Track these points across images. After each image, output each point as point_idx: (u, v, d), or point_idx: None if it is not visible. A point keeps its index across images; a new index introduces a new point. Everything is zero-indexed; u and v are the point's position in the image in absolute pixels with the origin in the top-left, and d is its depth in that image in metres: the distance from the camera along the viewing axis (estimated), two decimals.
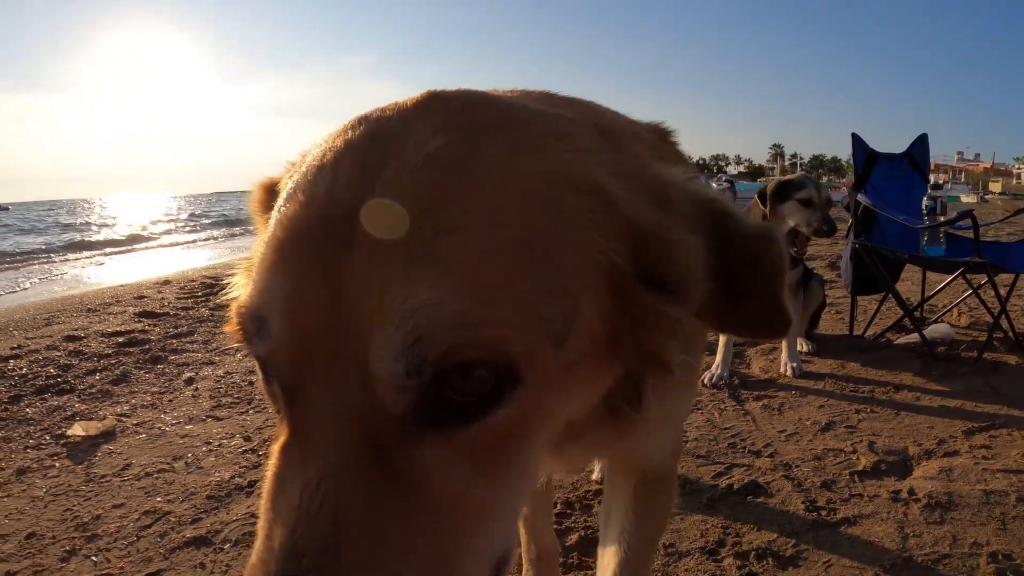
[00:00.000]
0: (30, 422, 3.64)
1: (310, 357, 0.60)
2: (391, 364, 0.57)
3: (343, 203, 0.61)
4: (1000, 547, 2.04)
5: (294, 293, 0.60)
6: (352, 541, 0.55)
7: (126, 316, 6.59)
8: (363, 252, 0.58)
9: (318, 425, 0.59)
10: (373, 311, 0.57)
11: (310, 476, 0.57)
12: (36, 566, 2.22)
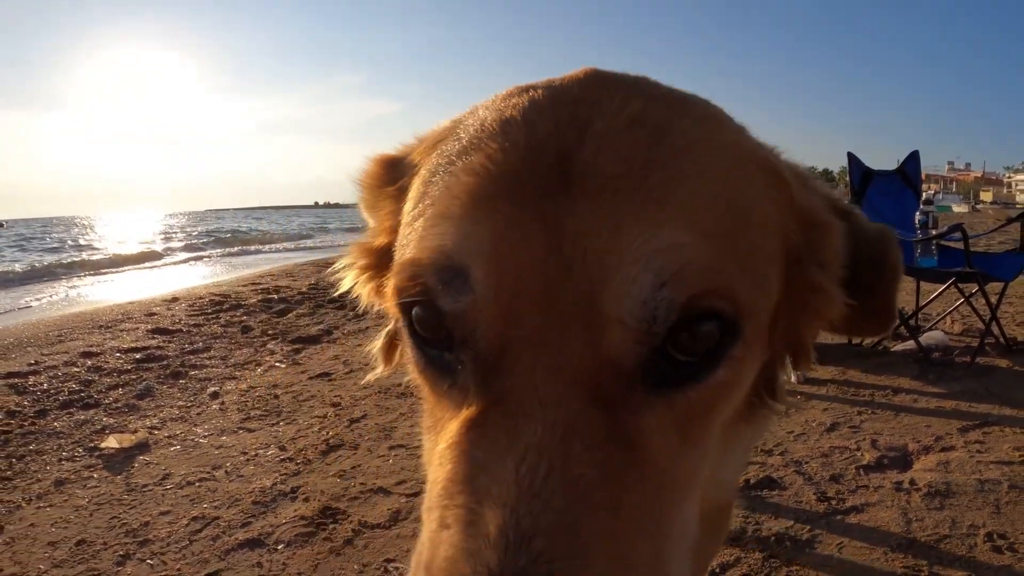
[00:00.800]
0: (60, 435, 3.76)
1: (524, 307, 0.54)
2: (635, 308, 0.52)
3: (549, 151, 0.58)
4: (995, 528, 2.23)
5: (502, 237, 0.55)
6: (591, 515, 0.49)
7: (139, 333, 6.71)
8: (588, 195, 0.55)
9: (534, 387, 0.53)
10: (606, 252, 0.53)
11: (528, 445, 0.50)
12: (91, 570, 2.35)
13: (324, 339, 6.10)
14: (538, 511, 0.47)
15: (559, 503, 0.48)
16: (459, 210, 0.58)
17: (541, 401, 0.52)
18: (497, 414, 0.53)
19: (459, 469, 0.53)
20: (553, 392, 0.52)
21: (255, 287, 9.95)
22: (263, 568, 2.26)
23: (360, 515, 2.59)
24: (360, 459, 3.17)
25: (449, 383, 0.59)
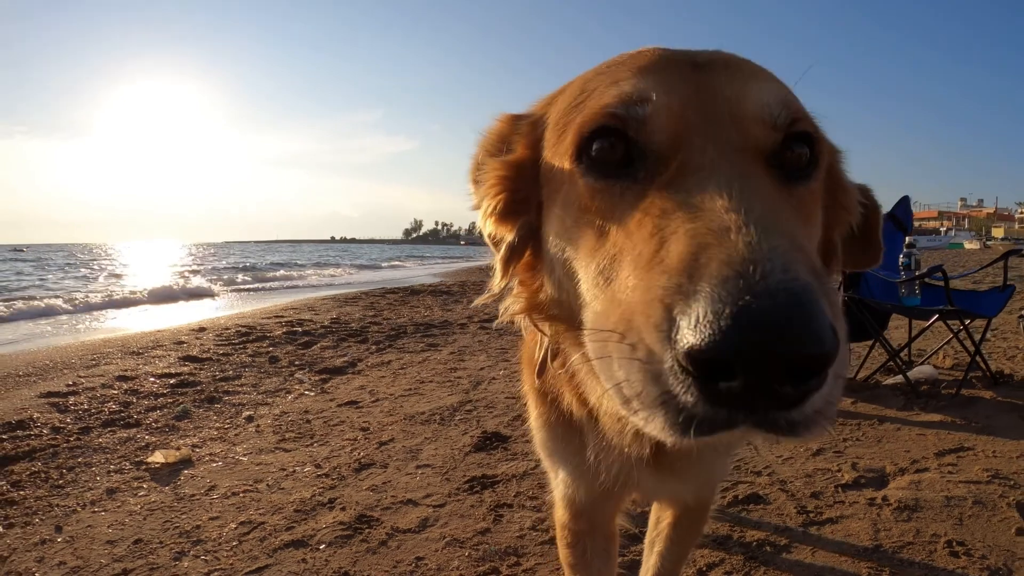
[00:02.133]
0: (106, 450, 4.10)
1: (691, 113, 0.77)
2: (767, 110, 0.79)
3: (681, 56, 0.86)
4: (955, 536, 2.50)
5: (669, 83, 0.80)
6: (779, 213, 0.68)
7: (170, 360, 7.08)
8: (719, 71, 0.83)
9: (707, 157, 0.73)
10: (743, 92, 0.80)
11: (723, 189, 0.67)
12: (150, 564, 2.65)
13: (349, 370, 6.45)
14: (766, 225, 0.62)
15: (761, 207, 0.65)
16: (628, 74, 0.81)
17: (718, 163, 0.72)
18: (673, 187, 0.72)
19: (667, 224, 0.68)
20: (724, 157, 0.72)
21: (279, 320, 10.34)
22: (307, 564, 2.58)
23: (392, 522, 2.91)
24: (390, 476, 3.49)
25: (623, 187, 0.78)
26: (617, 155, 0.78)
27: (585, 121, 0.80)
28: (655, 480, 1.24)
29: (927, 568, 2.32)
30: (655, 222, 0.68)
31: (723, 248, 0.59)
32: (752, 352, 0.54)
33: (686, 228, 0.64)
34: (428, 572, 2.46)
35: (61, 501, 3.31)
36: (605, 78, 0.84)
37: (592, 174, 0.80)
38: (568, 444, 1.29)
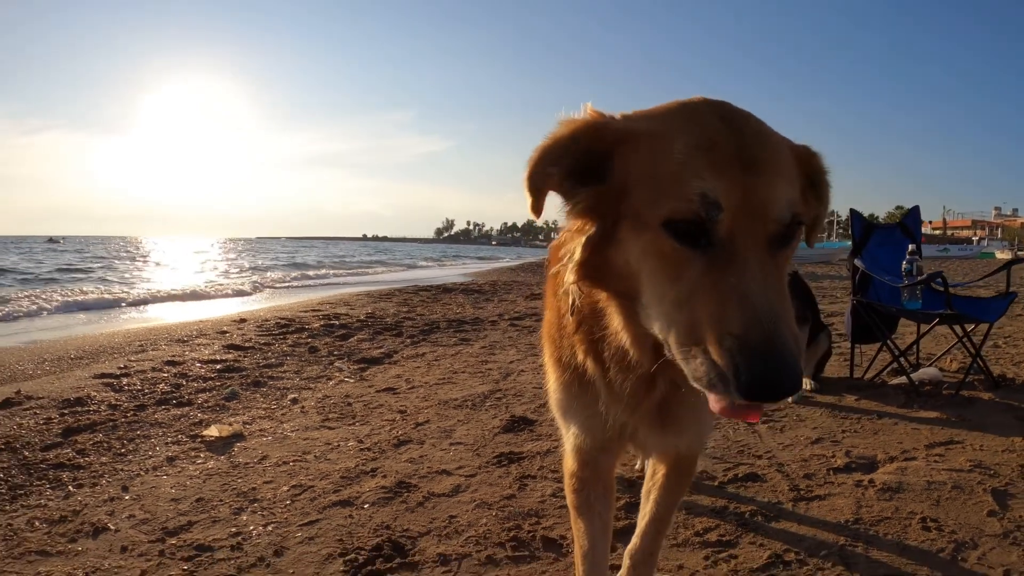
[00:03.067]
0: (162, 425, 4.51)
1: (739, 216, 1.11)
2: (781, 215, 1.14)
3: (731, 143, 1.16)
4: (930, 515, 2.80)
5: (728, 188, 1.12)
6: (782, 296, 1.10)
7: (215, 347, 7.53)
8: (756, 170, 1.14)
9: (746, 249, 1.10)
10: (769, 195, 1.13)
11: (751, 273, 1.07)
12: (212, 518, 3.01)
13: (386, 361, 6.85)
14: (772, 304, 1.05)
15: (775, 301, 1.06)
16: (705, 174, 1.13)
17: (750, 257, 1.10)
18: (724, 263, 1.10)
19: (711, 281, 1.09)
20: (757, 251, 1.12)
21: (316, 313, 10.78)
22: (353, 519, 2.95)
23: (428, 488, 3.28)
24: (426, 451, 3.86)
25: (690, 254, 1.12)
26: (692, 231, 1.12)
27: (678, 210, 1.12)
28: (653, 433, 1.58)
29: (899, 540, 2.61)
30: (718, 287, 1.08)
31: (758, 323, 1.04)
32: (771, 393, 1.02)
33: (737, 301, 1.06)
34: (460, 527, 2.82)
35: (124, 467, 3.69)
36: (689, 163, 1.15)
37: (674, 239, 1.13)
38: (580, 401, 1.63)
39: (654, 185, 1.17)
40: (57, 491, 3.32)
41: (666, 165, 1.16)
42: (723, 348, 1.03)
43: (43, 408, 4.83)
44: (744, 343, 1.01)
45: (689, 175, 1.13)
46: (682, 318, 1.11)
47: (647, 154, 1.21)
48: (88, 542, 2.75)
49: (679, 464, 1.93)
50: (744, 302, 1.04)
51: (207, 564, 2.54)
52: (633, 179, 1.21)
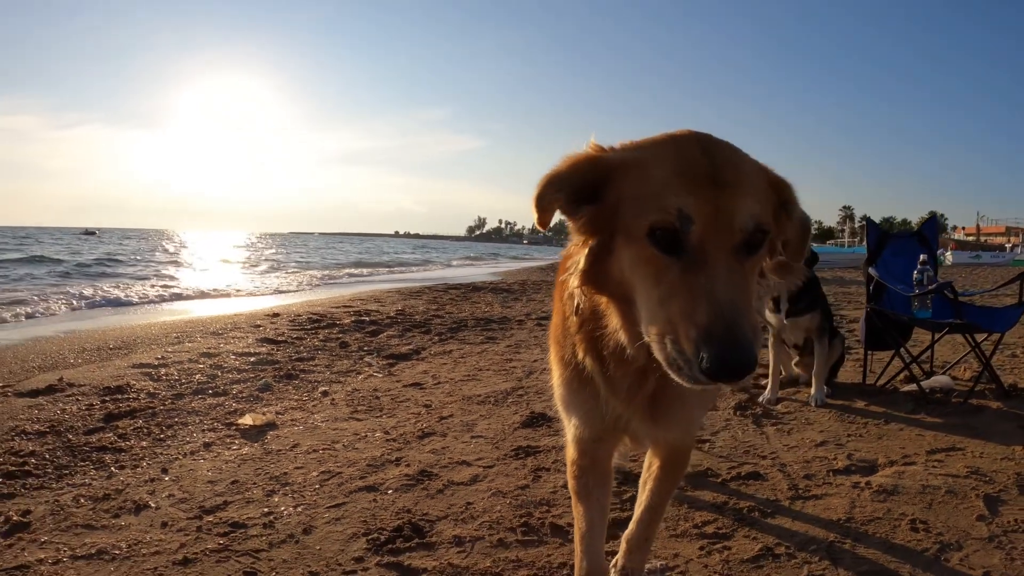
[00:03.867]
0: (199, 413, 4.78)
1: (709, 229, 1.29)
2: (746, 226, 1.32)
3: (704, 167, 1.35)
4: (921, 517, 2.93)
5: (701, 204, 1.30)
6: (746, 297, 1.30)
7: (249, 341, 7.84)
8: (727, 188, 1.33)
9: (716, 254, 1.28)
10: (736, 209, 1.31)
11: (718, 275, 1.26)
12: (246, 499, 3.25)
13: (414, 357, 7.09)
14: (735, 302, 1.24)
15: (736, 299, 1.25)
16: (682, 192, 1.32)
17: (718, 262, 1.28)
18: (695, 268, 1.28)
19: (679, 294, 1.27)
20: (724, 256, 1.30)
21: (347, 309, 11.09)
22: (377, 503, 3.18)
23: (448, 476, 3.50)
24: (448, 443, 4.09)
25: (668, 261, 1.31)
26: (669, 240, 1.32)
27: (657, 221, 1.33)
28: (644, 424, 1.78)
29: (887, 539, 2.76)
30: (690, 289, 1.27)
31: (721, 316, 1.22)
32: (729, 374, 1.20)
33: (704, 298, 1.24)
34: (476, 513, 3.04)
35: (164, 451, 3.96)
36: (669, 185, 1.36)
37: (655, 247, 1.33)
38: (580, 395, 1.84)
39: (640, 203, 1.38)
40: (100, 471, 3.60)
41: (650, 186, 1.38)
42: (689, 337, 1.23)
43: (85, 395, 5.15)
44: (708, 332, 1.20)
45: (668, 193, 1.34)
46: (661, 314, 1.31)
47: (636, 178, 1.42)
48: (131, 518, 3.02)
49: (672, 457, 2.11)
50: (710, 299, 1.23)
51: (241, 539, 2.79)
52: (624, 199, 1.43)
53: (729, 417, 4.55)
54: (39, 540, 2.78)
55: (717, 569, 2.50)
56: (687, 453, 2.14)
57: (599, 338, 1.65)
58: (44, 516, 3.01)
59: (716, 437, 4.12)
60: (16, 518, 2.95)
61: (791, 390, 5.29)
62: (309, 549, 2.72)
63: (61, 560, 2.61)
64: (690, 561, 2.57)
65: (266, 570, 2.55)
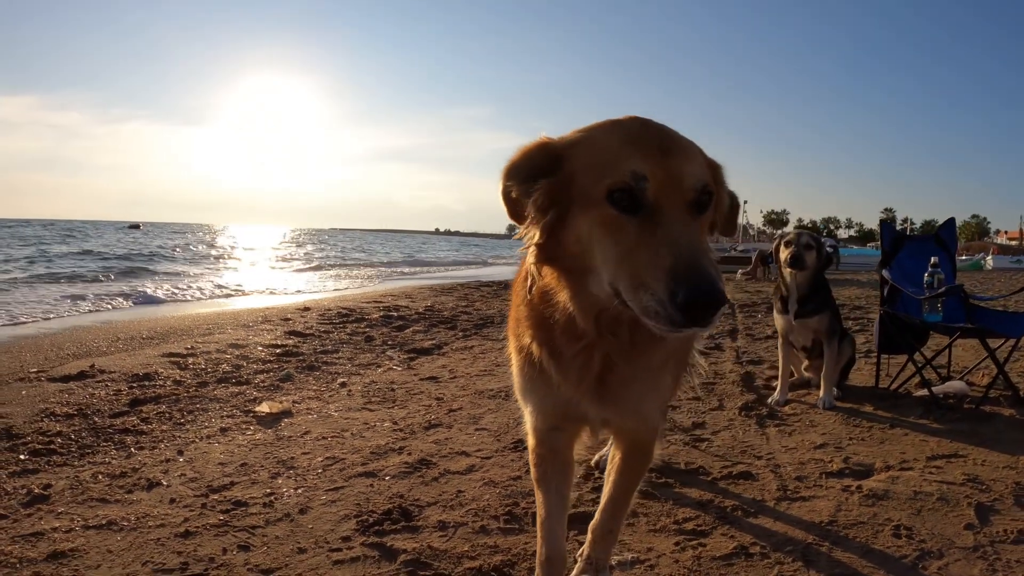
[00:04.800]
0: (220, 401, 5.00)
1: (662, 187, 1.43)
2: (694, 184, 1.47)
3: (651, 137, 1.52)
4: (905, 523, 2.92)
5: (654, 167, 1.45)
6: (702, 245, 1.47)
7: (277, 333, 8.10)
8: (675, 155, 1.49)
9: (671, 211, 1.42)
10: (684, 171, 1.47)
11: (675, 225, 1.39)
12: (252, 480, 3.43)
13: (435, 352, 7.25)
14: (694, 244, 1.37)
15: (695, 243, 1.38)
16: (635, 156, 1.47)
17: (673, 215, 1.42)
18: (654, 222, 1.41)
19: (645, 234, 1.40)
20: (678, 211, 1.44)
21: (377, 304, 11.32)
22: (374, 488, 3.31)
23: (446, 465, 3.62)
24: (452, 434, 4.20)
25: (627, 219, 1.44)
26: (627, 200, 1.44)
27: (615, 183, 1.45)
28: (594, 405, 1.85)
29: (866, 543, 2.76)
30: (651, 240, 1.38)
31: (684, 257, 1.33)
32: (702, 310, 1.29)
33: (667, 245, 1.35)
34: (465, 501, 3.15)
35: (182, 434, 4.18)
36: (621, 152, 1.49)
37: (614, 208, 1.45)
38: (533, 383, 1.93)
39: (595, 171, 1.51)
40: (120, 451, 3.82)
41: (604, 155, 1.52)
42: (658, 279, 1.32)
43: (113, 381, 5.43)
44: (674, 271, 1.31)
45: (621, 159, 1.48)
46: (626, 268, 1.41)
47: (589, 151, 1.57)
48: (142, 494, 3.21)
49: (632, 449, 2.17)
50: (672, 246, 1.35)
51: (241, 516, 2.95)
52: (578, 172, 1.56)
53: (733, 417, 4.57)
54: (56, 511, 2.99)
55: (688, 565, 2.56)
56: (648, 445, 2.18)
57: (548, 321, 1.75)
58: (63, 490, 3.21)
59: (716, 436, 4.15)
60: (37, 491, 3.17)
61: (801, 392, 5.28)
62: (302, 527, 2.86)
63: (73, 529, 2.81)
64: (662, 556, 2.63)
65: (259, 544, 2.70)
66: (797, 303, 4.90)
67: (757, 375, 5.98)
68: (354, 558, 2.59)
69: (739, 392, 5.28)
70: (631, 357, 1.74)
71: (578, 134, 1.64)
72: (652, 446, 2.20)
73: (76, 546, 2.66)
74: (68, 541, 2.70)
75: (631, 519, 2.95)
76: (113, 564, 2.54)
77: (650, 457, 2.23)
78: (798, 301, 4.89)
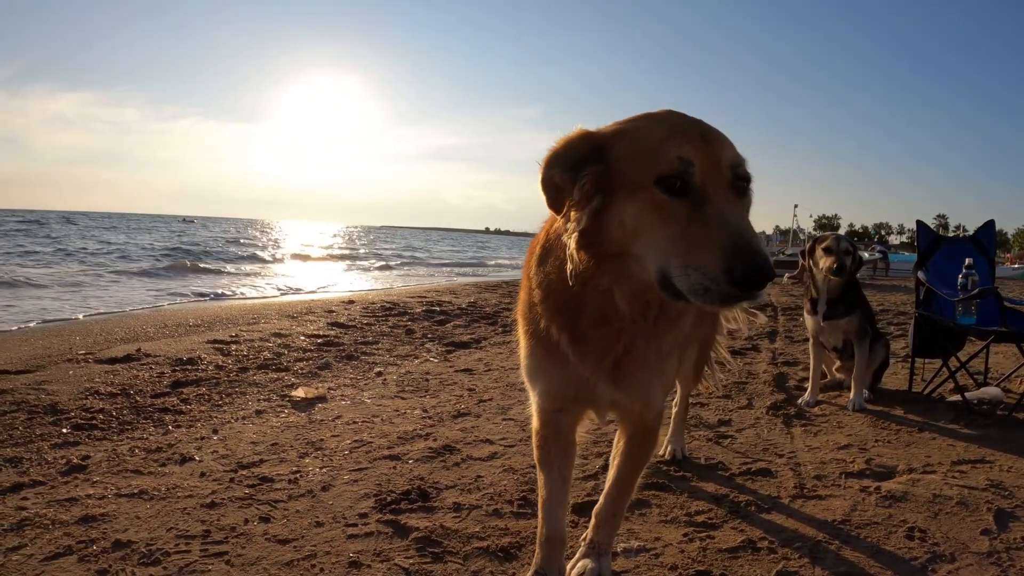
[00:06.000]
0: (258, 385, 5.20)
1: (708, 170, 1.53)
2: (735, 165, 1.58)
3: (692, 126, 1.62)
4: (920, 525, 2.88)
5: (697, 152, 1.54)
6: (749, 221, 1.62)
7: (320, 324, 8.33)
8: (715, 142, 1.59)
9: (715, 192, 1.51)
10: (724, 153, 1.57)
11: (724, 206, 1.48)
12: (280, 458, 3.57)
13: (473, 346, 7.38)
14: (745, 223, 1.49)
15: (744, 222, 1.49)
16: (683, 144, 1.56)
17: (720, 197, 1.51)
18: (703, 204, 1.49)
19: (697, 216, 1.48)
20: (723, 192, 1.54)
21: (421, 299, 11.52)
22: (396, 470, 3.42)
23: (468, 452, 3.71)
24: (479, 423, 4.30)
25: (678, 203, 1.51)
26: (676, 185, 1.52)
27: (663, 169, 1.53)
28: (607, 387, 1.92)
29: (877, 544, 2.73)
30: (704, 220, 1.46)
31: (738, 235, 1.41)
32: (758, 279, 1.37)
33: (721, 225, 1.44)
34: (482, 485, 3.24)
35: (218, 415, 4.38)
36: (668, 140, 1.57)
37: (665, 193, 1.53)
38: (545, 364, 1.99)
39: (643, 158, 1.58)
40: (158, 429, 4.03)
41: (650, 144, 1.59)
42: (715, 256, 1.40)
43: (158, 364, 5.69)
44: (731, 247, 1.38)
45: (668, 147, 1.56)
46: (678, 248, 1.48)
47: (634, 140, 1.64)
48: (175, 467, 3.39)
49: (636, 434, 2.22)
50: (724, 223, 1.43)
51: (265, 491, 3.10)
52: (623, 160, 1.64)
53: (760, 416, 4.57)
54: (92, 480, 3.18)
55: (693, 556, 2.59)
56: (651, 432, 2.22)
57: (573, 304, 1.82)
58: (100, 462, 3.41)
59: (740, 434, 4.16)
60: (76, 461, 3.37)
61: (833, 394, 5.24)
62: (322, 503, 2.99)
63: (106, 497, 2.99)
64: (668, 546, 2.67)
65: (279, 517, 2.84)
66: (827, 304, 4.85)
67: (790, 376, 5.95)
68: (368, 533, 2.70)
69: (769, 392, 5.26)
70: (650, 339, 1.85)
71: (619, 125, 1.72)
72: (656, 431, 2.24)
73: (107, 511, 2.83)
74: (100, 507, 2.87)
75: (643, 509, 3.01)
76: (140, 529, 2.70)
77: (654, 442, 2.28)
78: (828, 303, 4.85)
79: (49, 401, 4.41)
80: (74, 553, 2.48)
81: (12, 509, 2.82)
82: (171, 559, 2.46)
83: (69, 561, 2.43)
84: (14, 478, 3.15)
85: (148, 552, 2.50)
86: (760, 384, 5.55)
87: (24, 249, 24.63)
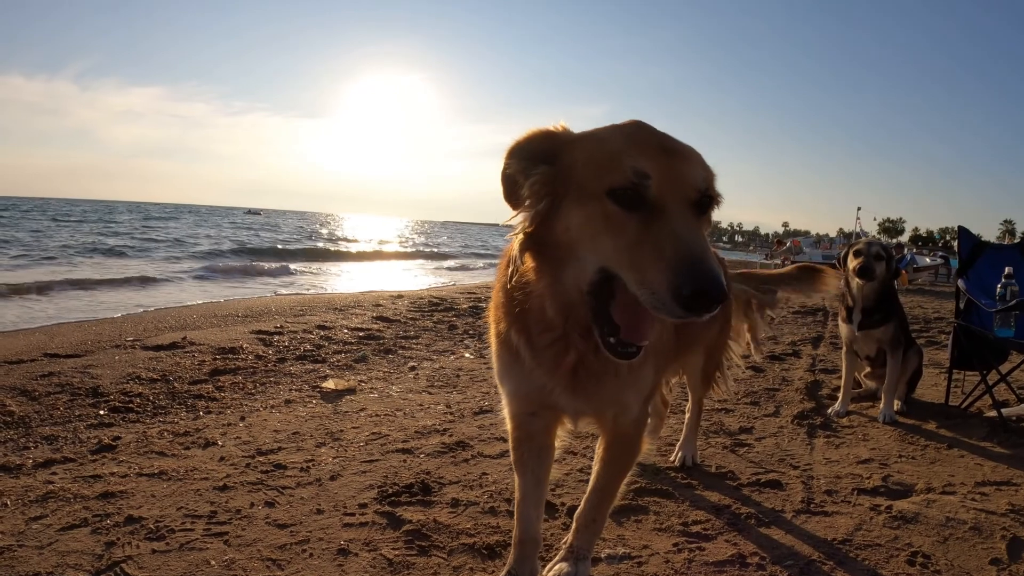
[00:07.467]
0: (293, 375, 5.40)
1: (665, 185, 1.49)
2: (699, 185, 1.53)
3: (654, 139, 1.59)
4: (925, 550, 2.76)
5: (655, 165, 1.50)
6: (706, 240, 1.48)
7: (365, 318, 8.53)
8: (677, 157, 1.55)
9: (672, 207, 1.47)
10: (688, 170, 1.54)
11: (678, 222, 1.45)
12: (298, 447, 3.73)
13: None
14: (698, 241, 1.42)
15: (698, 239, 1.43)
16: (639, 156, 1.52)
17: (675, 212, 1.48)
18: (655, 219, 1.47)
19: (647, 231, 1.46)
20: (680, 209, 1.49)
21: (469, 295, 11.69)
22: (406, 463, 3.51)
23: (480, 449, 3.79)
24: (498, 421, 4.34)
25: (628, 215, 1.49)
26: (629, 198, 1.50)
27: (617, 180, 1.50)
28: (566, 395, 1.92)
29: (873, 568, 2.63)
30: (652, 236, 1.44)
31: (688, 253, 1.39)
32: (706, 300, 1.35)
33: (671, 241, 1.41)
34: (486, 482, 3.31)
35: (249, 403, 4.58)
36: (624, 151, 1.55)
37: (616, 204, 1.51)
38: (511, 368, 2.00)
39: (597, 167, 1.57)
40: (189, 414, 4.26)
41: (607, 154, 1.57)
42: (661, 271, 1.39)
43: (201, 352, 5.96)
44: (678, 265, 1.37)
45: (625, 158, 1.53)
46: (627, 262, 1.47)
47: (591, 148, 1.63)
48: (197, 451, 3.58)
49: (614, 441, 2.21)
50: (674, 239, 1.41)
51: (277, 476, 3.26)
52: (577, 165, 1.63)
53: (784, 425, 4.50)
54: (118, 459, 3.40)
55: (677, 567, 2.58)
56: (630, 438, 2.21)
57: (526, 310, 1.83)
58: (130, 443, 3.63)
59: (759, 443, 4.10)
60: (107, 441, 3.61)
61: (866, 404, 5.11)
62: (327, 492, 3.11)
63: (128, 475, 3.19)
64: (655, 555, 2.67)
65: (283, 502, 2.98)
66: (862, 313, 4.73)
67: (825, 384, 5.82)
68: (363, 523, 2.80)
69: (799, 400, 5.16)
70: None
71: (583, 132, 1.72)
72: (636, 439, 2.23)
73: (126, 489, 3.03)
74: (120, 485, 3.07)
75: (640, 515, 3.01)
76: (152, 506, 2.88)
77: (635, 450, 2.26)
78: (863, 311, 4.73)
79: (92, 384, 4.69)
80: (88, 525, 2.68)
81: (40, 482, 3.05)
82: (175, 536, 2.63)
83: (82, 532, 2.62)
84: (48, 454, 3.39)
85: (155, 528, 2.67)
86: (791, 391, 5.45)
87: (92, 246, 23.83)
